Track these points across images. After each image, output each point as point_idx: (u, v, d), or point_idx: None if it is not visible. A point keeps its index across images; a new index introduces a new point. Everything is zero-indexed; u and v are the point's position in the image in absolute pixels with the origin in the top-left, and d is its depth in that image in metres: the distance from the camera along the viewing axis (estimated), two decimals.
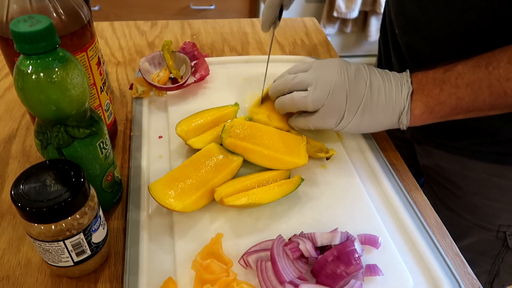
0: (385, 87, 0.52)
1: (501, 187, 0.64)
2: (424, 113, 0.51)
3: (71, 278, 0.43)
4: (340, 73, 0.52)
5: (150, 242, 0.46)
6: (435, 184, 0.74)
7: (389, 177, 0.54)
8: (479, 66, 0.47)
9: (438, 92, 0.50)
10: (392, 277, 0.43)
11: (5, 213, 0.49)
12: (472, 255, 0.70)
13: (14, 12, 0.41)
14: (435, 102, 0.50)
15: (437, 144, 0.68)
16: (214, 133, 0.56)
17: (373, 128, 0.54)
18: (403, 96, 0.51)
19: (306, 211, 0.50)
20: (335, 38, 2.19)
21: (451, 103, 0.49)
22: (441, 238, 0.49)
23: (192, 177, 0.49)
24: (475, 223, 0.69)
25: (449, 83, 0.49)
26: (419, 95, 0.51)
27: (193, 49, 0.71)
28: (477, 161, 0.64)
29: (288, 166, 0.53)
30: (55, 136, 0.39)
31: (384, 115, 0.52)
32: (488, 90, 0.46)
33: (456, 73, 0.49)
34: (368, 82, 0.52)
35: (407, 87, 0.51)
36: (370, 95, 0.51)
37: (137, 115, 0.62)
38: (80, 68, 0.38)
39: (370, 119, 0.52)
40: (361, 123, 0.53)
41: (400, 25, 0.63)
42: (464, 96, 0.48)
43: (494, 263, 0.71)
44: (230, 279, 0.40)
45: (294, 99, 0.54)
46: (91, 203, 0.39)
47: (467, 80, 0.48)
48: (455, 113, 0.50)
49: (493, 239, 0.68)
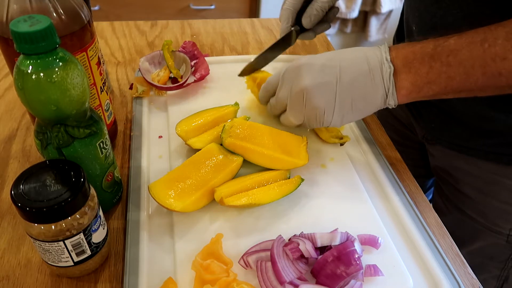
0: (359, 76, 0.49)
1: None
2: (412, 93, 0.48)
3: (71, 278, 0.43)
4: (307, 77, 0.50)
5: (150, 242, 0.46)
6: (446, 186, 0.73)
7: (389, 177, 0.54)
8: (474, 43, 0.43)
9: (427, 70, 0.46)
10: (392, 277, 0.43)
11: (5, 213, 0.49)
12: (481, 259, 0.69)
13: (14, 12, 0.41)
14: (424, 81, 0.46)
15: (450, 145, 0.67)
16: (214, 133, 0.56)
17: (359, 116, 0.52)
18: (385, 78, 0.48)
19: (306, 211, 0.50)
20: (335, 38, 2.19)
21: (441, 82, 0.46)
22: (441, 238, 0.49)
23: (192, 177, 0.49)
24: (486, 226, 0.67)
25: (439, 60, 0.45)
26: (406, 74, 0.47)
27: (193, 48, 0.71)
28: (489, 162, 0.62)
29: (288, 166, 0.53)
30: (55, 136, 0.39)
31: (365, 103, 0.50)
32: (481, 69, 0.43)
33: (448, 50, 0.45)
34: (338, 75, 0.49)
35: (387, 67, 0.48)
36: (344, 89, 0.49)
37: (137, 115, 0.62)
38: (80, 68, 0.38)
39: (352, 111, 0.50)
40: (343, 117, 0.51)
41: (416, 21, 0.62)
42: (455, 76, 0.45)
43: (504, 269, 0.70)
44: (230, 279, 0.40)
45: (284, 123, 0.57)
46: (91, 203, 0.39)
47: (459, 58, 0.44)
48: (445, 92, 0.47)
49: (503, 243, 0.67)
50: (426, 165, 0.77)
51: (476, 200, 0.67)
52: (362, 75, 0.49)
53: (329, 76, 0.49)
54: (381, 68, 0.48)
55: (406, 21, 0.68)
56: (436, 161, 0.73)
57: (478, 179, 0.66)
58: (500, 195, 0.64)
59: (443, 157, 0.71)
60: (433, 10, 0.57)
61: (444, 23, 0.56)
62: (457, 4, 0.54)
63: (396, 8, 2.04)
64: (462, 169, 0.67)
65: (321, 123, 0.52)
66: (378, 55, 0.49)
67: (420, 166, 0.80)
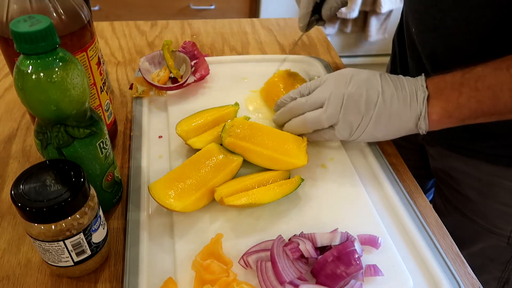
0: (398, 94, 0.51)
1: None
2: (442, 118, 0.50)
3: (71, 278, 0.43)
4: (350, 84, 0.52)
5: (150, 242, 0.46)
6: (446, 187, 0.72)
7: (389, 177, 0.54)
8: (500, 69, 0.46)
9: (457, 95, 0.48)
10: (392, 277, 0.43)
11: (5, 213, 0.49)
12: (482, 261, 0.69)
13: (14, 12, 0.41)
14: (454, 106, 0.48)
15: (450, 146, 0.67)
16: (214, 133, 0.56)
17: (389, 135, 0.53)
18: (419, 102, 0.50)
19: (306, 211, 0.50)
20: (335, 38, 2.19)
21: (471, 106, 0.48)
22: (441, 238, 0.49)
23: (192, 177, 0.49)
24: (486, 228, 0.67)
25: (468, 86, 0.47)
26: (437, 100, 0.49)
27: (193, 48, 0.71)
28: (489, 164, 0.62)
29: (287, 167, 0.52)
30: (55, 136, 0.39)
31: (399, 122, 0.51)
32: (510, 93, 0.45)
33: (475, 76, 0.47)
34: (380, 90, 0.51)
35: (422, 91, 0.50)
36: (383, 103, 0.51)
37: (137, 115, 0.62)
38: (80, 68, 0.38)
39: (385, 127, 0.52)
40: (375, 132, 0.52)
41: (416, 22, 0.62)
42: (484, 99, 0.47)
43: (505, 270, 0.69)
44: (230, 279, 0.40)
45: (307, 120, 0.54)
46: (91, 203, 0.39)
47: (487, 83, 0.46)
48: (475, 116, 0.48)
49: (504, 245, 0.67)
50: (426, 166, 0.77)
51: (476, 201, 0.67)
52: (401, 96, 0.51)
53: (372, 90, 0.51)
54: (417, 93, 0.50)
55: (405, 22, 0.68)
56: (436, 162, 0.73)
57: (478, 180, 0.65)
58: (500, 197, 0.64)
59: (442, 159, 0.70)
60: (433, 12, 0.57)
61: (443, 25, 0.57)
62: (456, 6, 0.54)
63: (396, 8, 2.04)
64: (462, 171, 0.67)
65: (351, 132, 0.52)
66: (415, 81, 0.52)
67: (420, 167, 0.79)
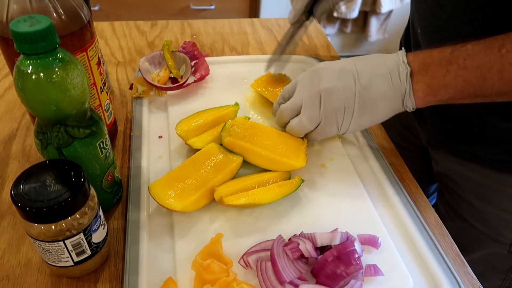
0: (377, 73, 0.49)
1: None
2: (428, 95, 0.48)
3: (71, 278, 0.43)
4: (323, 80, 0.50)
5: (150, 242, 0.46)
6: (448, 192, 0.72)
7: (389, 177, 0.54)
8: (491, 48, 0.44)
9: (444, 73, 0.46)
10: (392, 277, 0.43)
11: (5, 213, 0.49)
12: (482, 268, 0.68)
13: (14, 12, 0.41)
14: (440, 84, 0.47)
15: (454, 151, 0.66)
16: (214, 133, 0.56)
17: (377, 119, 0.51)
18: (402, 79, 0.48)
19: (306, 211, 0.50)
20: (335, 38, 2.19)
21: (457, 85, 0.46)
22: (441, 238, 0.49)
23: (192, 177, 0.49)
24: (488, 235, 0.67)
25: (456, 64, 0.45)
26: (422, 76, 0.47)
27: (193, 48, 0.71)
28: (493, 170, 0.62)
29: (286, 168, 0.52)
30: (55, 136, 0.39)
31: (384, 103, 0.49)
32: (498, 74, 0.43)
33: (465, 54, 0.45)
34: (356, 77, 0.49)
35: (404, 67, 0.48)
36: (363, 89, 0.49)
37: (137, 115, 0.62)
38: (80, 68, 0.38)
39: (371, 113, 0.50)
40: (363, 120, 0.51)
41: (421, 23, 0.62)
42: (471, 79, 0.45)
43: (505, 279, 0.69)
44: (230, 279, 0.40)
45: (294, 127, 0.54)
46: (91, 203, 0.39)
47: (476, 62, 0.44)
48: (461, 97, 0.47)
49: (505, 253, 0.66)
50: (429, 170, 0.77)
51: (478, 208, 0.66)
52: (380, 76, 0.49)
53: (347, 78, 0.50)
54: (398, 70, 0.48)
55: (411, 24, 0.68)
56: (439, 166, 0.72)
57: (481, 186, 0.65)
58: (503, 204, 0.63)
59: (446, 163, 0.70)
60: (438, 14, 0.57)
61: (448, 26, 0.56)
62: (461, 8, 0.53)
63: (396, 8, 2.04)
64: (465, 176, 0.66)
65: (338, 127, 0.51)
66: (395, 58, 0.49)
67: (422, 171, 0.79)
